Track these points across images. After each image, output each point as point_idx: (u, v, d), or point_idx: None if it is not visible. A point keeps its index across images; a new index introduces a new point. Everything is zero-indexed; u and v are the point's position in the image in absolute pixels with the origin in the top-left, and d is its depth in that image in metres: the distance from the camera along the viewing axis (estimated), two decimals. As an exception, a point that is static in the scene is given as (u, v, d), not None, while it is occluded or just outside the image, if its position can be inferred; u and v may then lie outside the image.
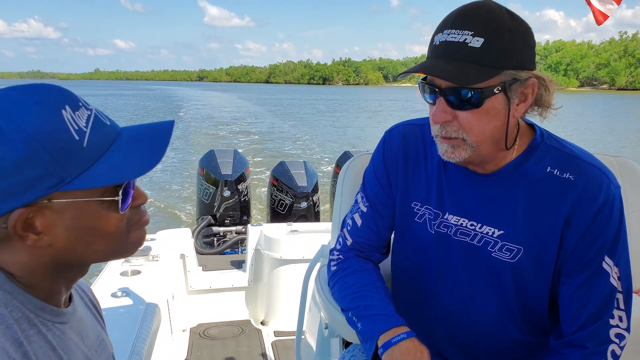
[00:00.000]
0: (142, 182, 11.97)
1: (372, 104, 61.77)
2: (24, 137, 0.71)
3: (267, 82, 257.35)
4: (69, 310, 0.87)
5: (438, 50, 1.11)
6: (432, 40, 1.14)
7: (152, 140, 0.83)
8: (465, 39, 1.07)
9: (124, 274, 2.59)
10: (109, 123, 0.82)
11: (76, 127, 0.75)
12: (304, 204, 4.68)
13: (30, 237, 0.75)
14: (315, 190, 4.79)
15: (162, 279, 2.74)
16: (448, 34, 1.09)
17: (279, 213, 4.73)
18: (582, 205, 1.15)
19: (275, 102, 59.89)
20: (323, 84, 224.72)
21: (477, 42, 1.06)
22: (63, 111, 0.75)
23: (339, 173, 5.20)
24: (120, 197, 0.79)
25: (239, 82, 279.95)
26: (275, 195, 4.79)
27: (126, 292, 2.31)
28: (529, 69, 1.11)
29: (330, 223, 4.25)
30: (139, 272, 2.63)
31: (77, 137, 0.75)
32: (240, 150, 5.26)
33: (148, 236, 3.25)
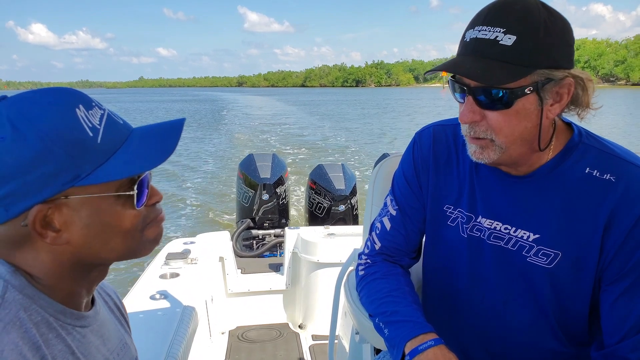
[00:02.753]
0: (182, 187, 12.29)
1: (400, 103, 64.44)
2: (39, 135, 0.73)
3: (302, 86, 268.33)
4: (90, 314, 0.88)
5: (468, 48, 1.07)
6: (463, 36, 1.10)
7: (163, 136, 0.85)
8: (497, 37, 1.02)
9: (162, 276, 2.64)
10: (121, 122, 0.84)
11: (90, 125, 0.78)
12: (342, 207, 4.66)
13: (49, 235, 0.77)
14: (353, 193, 4.76)
15: (200, 282, 2.78)
16: (479, 31, 1.05)
17: (317, 216, 4.73)
18: (623, 209, 1.08)
19: (310, 104, 61.14)
20: (356, 86, 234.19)
21: (508, 40, 1.01)
22: (77, 110, 0.78)
23: (377, 175, 5.09)
24: (135, 192, 0.81)
25: (276, 86, 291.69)
26: (313, 199, 4.79)
27: (164, 295, 2.35)
28: (566, 68, 1.05)
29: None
30: (177, 275, 2.68)
31: (91, 134, 0.77)
32: (277, 154, 5.29)
33: (188, 239, 3.33)
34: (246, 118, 37.66)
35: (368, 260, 1.39)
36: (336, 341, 2.04)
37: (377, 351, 1.54)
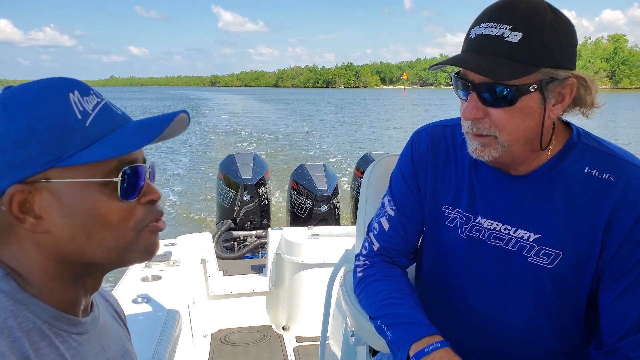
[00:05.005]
0: (159, 186, 12.08)
1: (369, 102, 69.92)
2: (26, 115, 0.73)
3: (275, 86, 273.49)
4: (87, 320, 0.84)
5: (473, 44, 1.06)
6: (469, 33, 1.09)
7: (156, 123, 0.80)
8: (503, 33, 1.02)
9: (144, 279, 2.58)
10: (120, 113, 0.81)
11: (81, 109, 0.76)
12: (324, 208, 4.65)
13: (28, 220, 0.74)
14: (335, 193, 4.75)
15: (183, 284, 2.72)
16: (485, 27, 1.04)
17: (299, 217, 4.70)
18: (623, 208, 1.09)
19: (284, 103, 63.15)
20: (326, 87, 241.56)
21: (515, 37, 1.01)
22: (70, 94, 0.76)
23: (359, 175, 5.14)
24: (119, 179, 0.76)
25: (249, 86, 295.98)
26: (295, 199, 4.76)
27: (147, 298, 2.30)
28: (569, 68, 1.06)
29: (352, 226, 4.21)
30: (159, 278, 2.62)
31: (80, 117, 0.75)
32: (259, 154, 5.25)
33: (169, 241, 3.26)
34: (224, 117, 38.33)
35: (366, 262, 1.38)
36: (327, 342, 2.02)
37: (374, 353, 1.53)
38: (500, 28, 1.02)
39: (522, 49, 1.01)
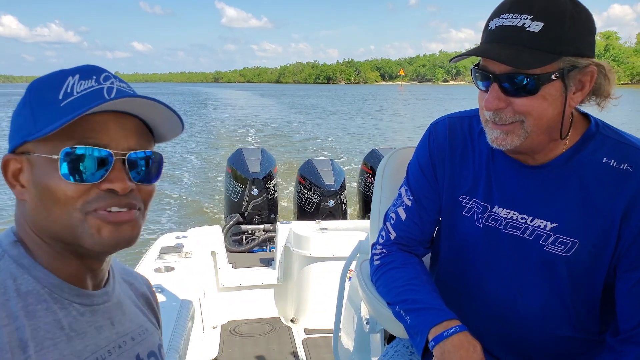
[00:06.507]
0: (172, 181, 12.21)
1: (367, 97, 72.61)
2: (30, 90, 0.83)
3: (277, 82, 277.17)
4: (96, 294, 0.86)
5: (494, 35, 1.09)
6: (487, 25, 1.11)
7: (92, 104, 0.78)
8: (524, 23, 1.04)
9: (157, 270, 2.62)
10: (110, 98, 0.79)
11: (68, 91, 0.80)
12: (331, 202, 4.68)
13: (17, 187, 0.82)
14: (342, 188, 4.78)
15: (194, 276, 2.76)
16: (505, 18, 1.07)
17: (306, 211, 4.73)
18: None
19: (287, 100, 63.87)
20: (327, 82, 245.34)
21: (536, 26, 1.03)
22: (70, 77, 0.81)
23: (366, 171, 5.15)
24: (58, 157, 0.77)
25: (251, 82, 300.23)
26: (302, 194, 4.79)
27: (160, 289, 2.33)
28: (588, 57, 1.08)
29: (360, 221, 4.24)
30: (172, 269, 2.65)
31: (60, 97, 0.79)
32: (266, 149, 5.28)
33: (180, 233, 3.30)
34: (229, 112, 38.91)
35: (383, 250, 1.40)
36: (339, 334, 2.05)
37: (388, 340, 1.56)
38: (521, 18, 1.05)
39: (543, 38, 1.03)
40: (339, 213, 4.72)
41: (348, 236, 3.31)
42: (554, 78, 1.06)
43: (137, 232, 0.85)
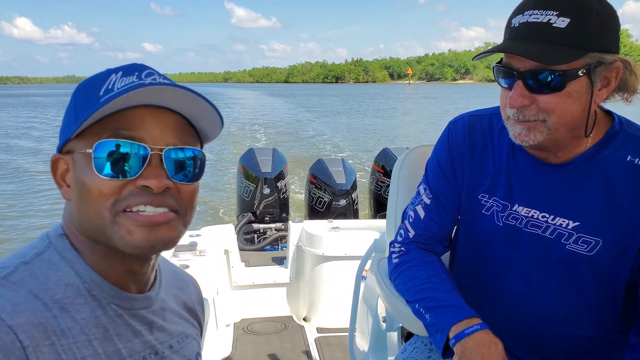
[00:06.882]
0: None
1: (375, 96, 73.44)
2: (74, 91, 0.84)
3: (286, 81, 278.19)
4: (138, 297, 0.85)
5: (518, 32, 1.08)
6: (510, 23, 1.11)
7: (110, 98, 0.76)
8: (550, 20, 1.04)
9: None
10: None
11: (109, 87, 0.78)
12: (342, 202, 4.68)
13: (64, 187, 0.82)
14: (354, 187, 4.78)
15: (208, 274, 2.78)
16: (530, 15, 1.06)
17: (317, 210, 4.74)
18: None
19: (297, 100, 64.28)
20: (336, 82, 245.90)
21: (562, 22, 1.03)
22: (113, 74, 0.80)
23: (377, 170, 5.13)
24: (91, 151, 0.75)
25: (260, 82, 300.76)
26: (313, 193, 4.80)
27: None
28: (614, 53, 1.07)
29: (372, 220, 4.23)
30: (187, 267, 2.67)
31: (100, 94, 0.78)
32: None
33: (193, 232, 3.32)
34: (238, 111, 39.35)
35: (402, 248, 1.40)
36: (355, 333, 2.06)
37: (406, 338, 1.56)
38: (546, 14, 1.04)
39: (570, 34, 1.03)
40: (351, 212, 4.73)
41: (360, 235, 3.31)
42: (581, 74, 1.06)
43: (176, 235, 0.81)
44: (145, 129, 0.77)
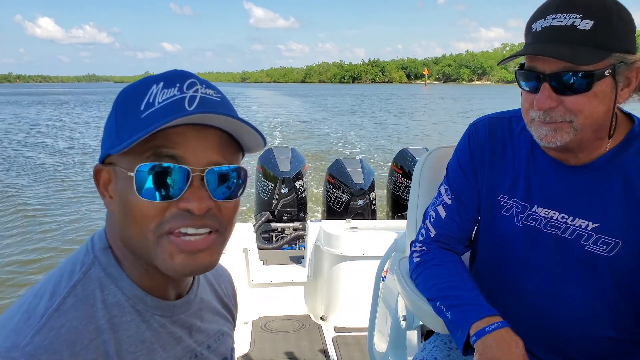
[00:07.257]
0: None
1: (391, 97, 74.33)
2: (116, 98, 0.81)
3: (303, 81, 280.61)
4: (177, 304, 0.85)
5: (542, 36, 1.10)
6: (530, 27, 1.13)
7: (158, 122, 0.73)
8: (574, 22, 1.06)
9: None
10: (192, 109, 0.75)
11: (150, 101, 0.75)
12: (360, 202, 4.70)
13: (106, 197, 0.81)
14: (372, 188, 4.79)
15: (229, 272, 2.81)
16: (553, 19, 1.09)
17: (335, 210, 4.76)
18: None
19: (313, 100, 64.66)
20: (353, 82, 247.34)
21: (586, 24, 1.06)
22: (154, 85, 0.77)
23: (395, 170, 5.12)
24: (133, 174, 0.73)
25: (277, 82, 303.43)
26: (331, 193, 4.82)
27: None
28: (633, 53, 1.10)
29: (391, 220, 4.23)
30: None
31: (142, 108, 0.75)
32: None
33: None
34: (256, 110, 40.19)
35: (423, 248, 1.43)
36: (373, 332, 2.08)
37: (426, 337, 1.58)
38: (570, 17, 1.07)
39: (595, 35, 1.06)
40: (368, 212, 4.74)
41: (379, 236, 3.33)
42: (607, 74, 1.08)
43: (216, 258, 0.80)
44: (187, 148, 0.75)
